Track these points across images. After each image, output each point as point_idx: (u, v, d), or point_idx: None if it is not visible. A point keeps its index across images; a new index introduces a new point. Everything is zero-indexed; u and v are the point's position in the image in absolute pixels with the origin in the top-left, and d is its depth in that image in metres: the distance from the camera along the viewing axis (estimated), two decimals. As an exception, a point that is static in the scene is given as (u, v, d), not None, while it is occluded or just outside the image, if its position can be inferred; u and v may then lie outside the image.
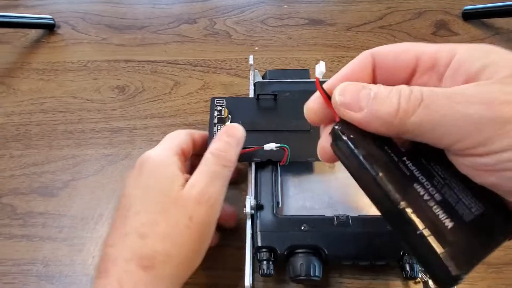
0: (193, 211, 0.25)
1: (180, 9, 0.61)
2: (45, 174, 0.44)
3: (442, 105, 0.14)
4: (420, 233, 0.15)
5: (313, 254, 0.31)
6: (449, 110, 0.14)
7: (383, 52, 0.19)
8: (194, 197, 0.26)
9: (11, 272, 0.38)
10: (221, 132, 0.30)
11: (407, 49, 0.19)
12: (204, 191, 0.26)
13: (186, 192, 0.26)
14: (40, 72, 0.54)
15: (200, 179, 0.27)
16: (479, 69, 0.16)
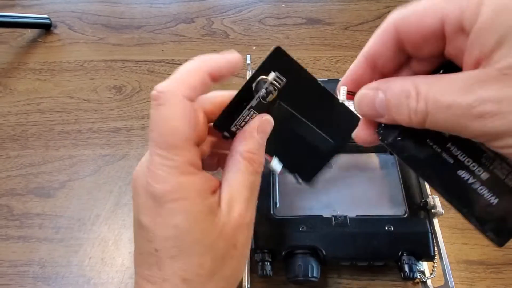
0: (236, 238, 0.22)
1: (178, 8, 0.61)
2: (41, 175, 0.44)
3: (444, 119, 0.15)
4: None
5: (311, 255, 0.31)
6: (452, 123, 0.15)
7: (406, 21, 0.17)
8: (235, 221, 0.21)
9: (7, 273, 0.38)
10: (252, 125, 0.23)
11: (431, 10, 0.16)
12: (245, 213, 0.22)
13: (225, 218, 0.21)
14: (36, 72, 0.54)
15: (237, 197, 0.22)
16: (494, 46, 0.14)
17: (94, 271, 0.37)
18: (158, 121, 0.20)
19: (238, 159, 0.22)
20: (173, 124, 0.20)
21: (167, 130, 0.20)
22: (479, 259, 0.36)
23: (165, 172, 0.20)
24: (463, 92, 0.15)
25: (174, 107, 0.20)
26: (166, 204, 0.20)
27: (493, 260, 0.36)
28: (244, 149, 0.22)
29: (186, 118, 0.20)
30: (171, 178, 0.20)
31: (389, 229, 0.32)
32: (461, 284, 0.35)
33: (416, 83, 0.16)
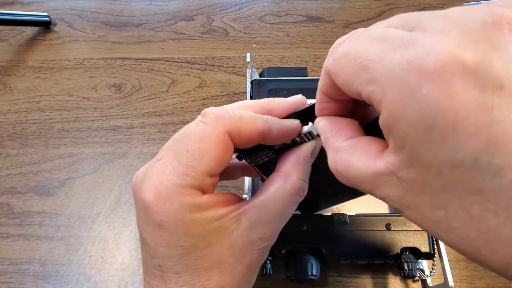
0: (250, 258, 0.20)
1: (177, 6, 0.61)
2: (41, 173, 0.44)
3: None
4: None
5: (311, 253, 0.31)
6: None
7: (335, 79, 0.16)
8: (253, 242, 0.20)
9: (8, 271, 0.38)
10: (307, 150, 0.21)
11: (347, 84, 0.15)
12: (267, 238, 0.20)
13: (241, 235, 0.20)
14: (36, 70, 0.54)
15: (267, 222, 0.20)
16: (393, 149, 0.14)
17: (94, 269, 0.38)
18: (191, 136, 0.19)
19: (286, 187, 0.20)
20: (203, 148, 0.18)
21: (195, 150, 0.18)
22: (478, 257, 0.36)
23: (169, 190, 0.18)
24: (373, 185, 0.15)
25: (214, 134, 0.19)
26: (166, 224, 0.19)
27: (493, 258, 0.36)
28: (298, 176, 0.21)
29: (217, 152, 0.19)
30: (174, 198, 0.18)
31: (389, 227, 0.32)
32: (461, 282, 0.35)
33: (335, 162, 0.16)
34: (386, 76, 0.13)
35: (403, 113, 0.12)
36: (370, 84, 0.13)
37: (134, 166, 0.44)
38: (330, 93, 0.18)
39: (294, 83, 0.40)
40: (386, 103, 0.13)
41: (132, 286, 0.37)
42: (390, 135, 0.13)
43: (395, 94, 0.12)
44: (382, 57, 0.13)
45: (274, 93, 0.39)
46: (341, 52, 0.15)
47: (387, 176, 0.14)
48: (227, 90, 0.50)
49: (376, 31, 0.14)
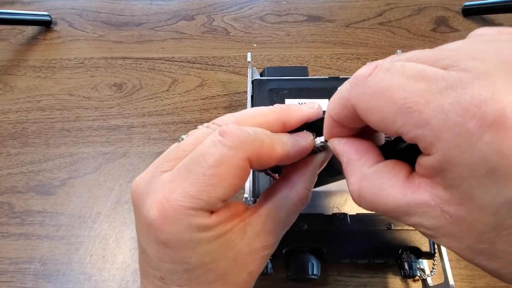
0: (252, 266, 0.20)
1: (178, 5, 0.61)
2: (42, 172, 0.44)
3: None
4: None
5: (312, 253, 0.31)
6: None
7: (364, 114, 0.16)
8: (256, 251, 0.20)
9: (8, 270, 0.38)
10: (316, 162, 0.21)
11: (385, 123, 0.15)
12: (270, 246, 0.20)
13: (245, 246, 0.19)
14: (37, 69, 0.54)
15: (270, 230, 0.20)
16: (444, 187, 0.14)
17: (95, 269, 0.38)
18: (209, 158, 0.17)
19: (291, 196, 0.20)
20: (222, 174, 0.17)
21: (213, 175, 0.17)
22: (479, 257, 0.36)
23: (177, 211, 0.17)
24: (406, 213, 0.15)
25: (234, 160, 0.17)
26: (171, 243, 0.18)
27: (493, 258, 0.36)
28: (304, 185, 0.21)
29: (235, 178, 0.18)
30: (182, 220, 0.17)
31: (389, 227, 0.32)
32: (461, 282, 0.35)
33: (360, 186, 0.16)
34: (440, 121, 0.12)
35: (462, 157, 0.12)
36: (420, 127, 0.13)
37: (135, 166, 0.44)
38: (345, 122, 0.17)
39: (294, 82, 0.40)
40: (441, 148, 0.13)
41: (133, 285, 0.37)
42: (441, 175, 0.13)
43: (452, 139, 0.12)
44: (431, 100, 0.13)
45: (275, 92, 0.39)
46: (374, 88, 0.14)
47: (428, 207, 0.14)
48: (228, 90, 0.50)
49: (410, 67, 0.14)
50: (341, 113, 0.17)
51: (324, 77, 0.40)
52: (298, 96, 0.38)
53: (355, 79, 0.15)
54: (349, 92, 0.16)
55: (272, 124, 0.20)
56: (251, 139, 0.18)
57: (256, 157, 0.18)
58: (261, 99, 0.39)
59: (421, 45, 0.54)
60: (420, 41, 0.55)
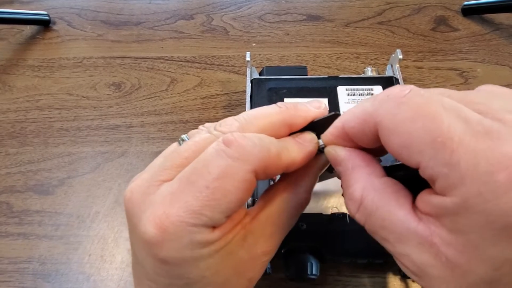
0: (252, 273, 0.20)
1: (177, 4, 0.61)
2: (41, 172, 0.44)
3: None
4: None
5: (311, 253, 0.31)
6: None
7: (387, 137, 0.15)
8: (256, 257, 0.19)
9: (7, 270, 0.38)
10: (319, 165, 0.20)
11: (411, 153, 0.14)
12: (270, 251, 0.20)
13: (245, 253, 0.19)
14: (35, 69, 0.54)
15: (270, 235, 0.19)
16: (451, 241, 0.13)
17: (93, 268, 0.37)
18: (213, 170, 0.16)
19: (292, 200, 0.20)
20: (227, 189, 0.16)
21: (217, 188, 0.16)
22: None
23: (178, 228, 0.16)
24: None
25: (239, 173, 0.16)
26: (171, 260, 0.17)
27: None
28: (305, 189, 0.20)
29: (241, 193, 0.16)
30: (183, 237, 0.16)
31: (389, 226, 0.32)
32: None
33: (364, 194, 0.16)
34: (470, 166, 0.12)
35: (483, 207, 0.12)
36: (447, 166, 0.12)
37: (134, 165, 0.44)
38: (357, 138, 0.16)
39: (294, 82, 0.40)
40: (463, 192, 0.12)
41: (131, 285, 0.37)
42: (451, 218, 0.13)
43: (478, 187, 0.12)
44: (465, 142, 0.12)
45: (274, 92, 0.39)
46: (409, 111, 0.14)
47: (426, 242, 0.13)
48: (227, 89, 0.50)
49: (448, 102, 0.13)
50: (358, 128, 0.16)
51: (323, 76, 0.40)
52: (297, 95, 0.38)
53: (386, 97, 0.15)
54: (376, 109, 0.15)
55: (277, 127, 0.19)
56: (257, 150, 0.17)
57: (262, 168, 0.17)
58: (260, 99, 0.39)
59: (421, 45, 0.54)
60: (419, 40, 0.54)
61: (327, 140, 0.18)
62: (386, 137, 0.14)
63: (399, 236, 0.14)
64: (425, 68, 0.51)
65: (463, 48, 0.53)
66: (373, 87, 0.38)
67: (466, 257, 0.13)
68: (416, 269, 0.14)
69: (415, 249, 0.14)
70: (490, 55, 0.52)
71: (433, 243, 0.13)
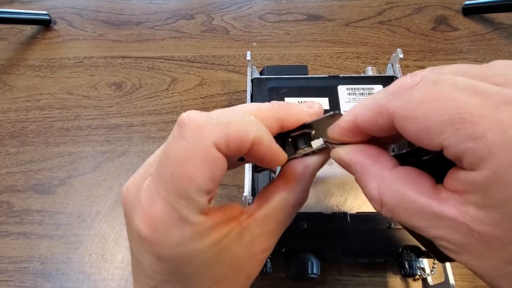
0: (251, 270, 0.20)
1: (178, 4, 0.61)
2: (41, 171, 0.44)
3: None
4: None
5: (311, 252, 0.31)
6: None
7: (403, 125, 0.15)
8: (255, 254, 0.19)
9: (8, 269, 0.38)
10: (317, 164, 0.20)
11: (430, 134, 0.14)
12: (268, 248, 0.20)
13: (243, 250, 0.19)
14: (36, 68, 0.54)
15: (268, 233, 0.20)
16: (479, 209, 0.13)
17: (94, 268, 0.37)
18: (172, 157, 0.16)
19: (290, 198, 0.19)
20: (190, 172, 0.15)
21: (181, 174, 0.15)
22: (479, 256, 0.36)
23: (167, 222, 0.16)
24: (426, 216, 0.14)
25: (197, 152, 0.15)
26: (166, 256, 0.17)
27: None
28: (302, 189, 0.20)
29: (206, 171, 0.16)
30: (174, 231, 0.16)
31: (389, 225, 0.32)
32: (462, 281, 0.35)
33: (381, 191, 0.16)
34: (497, 135, 0.12)
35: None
36: (472, 140, 0.12)
37: (134, 165, 0.44)
38: (370, 129, 0.17)
39: (294, 81, 0.40)
40: (492, 164, 0.12)
41: (131, 284, 0.36)
42: (481, 193, 0.13)
43: (508, 156, 0.12)
44: (487, 113, 0.12)
45: (275, 91, 0.39)
46: (422, 97, 0.14)
47: (455, 222, 0.13)
48: (228, 89, 0.50)
49: (460, 80, 0.13)
50: (371, 120, 0.16)
51: (324, 76, 0.40)
52: (298, 95, 0.38)
53: (398, 87, 0.15)
54: (389, 100, 0.15)
55: (266, 121, 0.18)
56: (213, 123, 0.16)
57: (224, 141, 0.16)
58: (260, 98, 0.39)
59: (421, 44, 0.54)
60: (420, 40, 0.54)
61: (333, 134, 0.18)
62: (403, 126, 0.14)
63: (428, 222, 0.14)
64: (425, 67, 0.51)
65: (464, 48, 0.53)
66: (373, 86, 0.38)
67: (502, 230, 0.12)
68: (454, 248, 0.14)
69: (446, 231, 0.14)
70: (491, 54, 0.52)
71: (462, 223, 0.13)
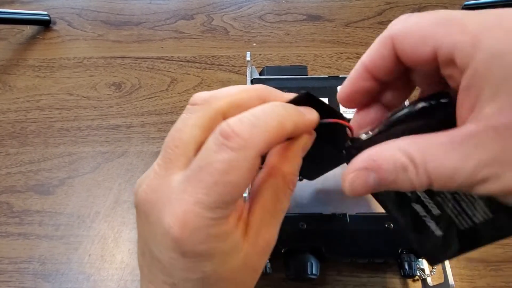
0: (258, 263, 0.20)
1: (177, 4, 0.61)
2: (41, 172, 0.44)
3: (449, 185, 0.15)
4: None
5: (311, 252, 0.31)
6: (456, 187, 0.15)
7: (401, 43, 0.17)
8: (260, 248, 0.20)
9: (7, 270, 0.38)
10: (298, 145, 0.20)
11: (424, 39, 0.16)
12: (271, 239, 0.20)
13: (251, 247, 0.19)
14: (36, 69, 0.54)
15: (268, 222, 0.20)
16: (487, 97, 0.14)
17: (94, 268, 0.37)
18: (218, 166, 0.16)
19: (278, 182, 0.20)
20: (236, 181, 0.16)
21: (226, 183, 0.16)
22: (479, 256, 0.36)
23: (198, 223, 0.17)
24: (462, 158, 0.15)
25: (245, 163, 0.16)
26: (190, 253, 0.17)
27: (493, 257, 0.36)
28: (289, 170, 0.20)
29: (249, 179, 0.17)
30: (202, 231, 0.17)
31: (389, 226, 0.32)
32: (461, 282, 0.35)
33: (407, 152, 0.16)
34: (479, 27, 0.14)
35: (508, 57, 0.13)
36: (459, 34, 0.15)
37: (134, 165, 0.44)
38: (377, 66, 0.19)
39: (294, 81, 0.40)
40: (484, 48, 0.14)
41: (131, 285, 0.37)
42: (481, 84, 0.14)
43: (494, 36, 0.14)
44: (470, 16, 0.15)
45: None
46: (418, 17, 0.17)
47: (481, 133, 0.14)
48: (227, 89, 0.50)
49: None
50: (377, 54, 0.19)
51: (324, 76, 0.40)
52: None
53: (395, 19, 0.18)
54: (388, 30, 0.18)
55: (247, 96, 0.19)
56: (257, 132, 0.17)
57: (267, 146, 0.17)
58: (260, 98, 0.39)
59: (421, 44, 0.54)
60: (420, 40, 0.54)
61: (344, 89, 0.20)
62: (401, 43, 0.17)
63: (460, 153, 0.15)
64: (425, 68, 0.51)
65: (464, 48, 0.53)
66: (373, 87, 0.38)
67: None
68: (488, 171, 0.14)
69: (478, 153, 0.14)
70: (491, 54, 0.52)
71: (485, 128, 0.14)
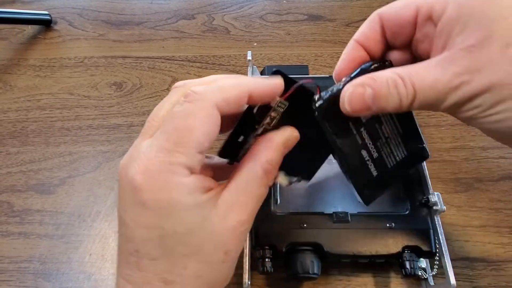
0: (228, 245, 0.20)
1: (178, 4, 0.61)
2: (42, 171, 0.44)
3: (429, 95, 0.19)
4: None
5: (312, 252, 0.31)
6: (435, 98, 0.19)
7: (387, 12, 0.22)
8: (231, 227, 0.20)
9: (8, 269, 0.38)
10: (279, 138, 0.22)
11: (408, 3, 0.21)
12: (244, 221, 0.21)
13: (220, 221, 0.20)
14: (36, 68, 0.54)
15: (242, 204, 0.21)
16: (457, 32, 0.18)
17: (94, 268, 0.37)
18: (177, 115, 0.19)
19: (256, 168, 0.21)
20: (192, 124, 0.18)
21: (183, 127, 0.18)
22: (480, 256, 0.36)
23: (157, 167, 0.18)
24: (440, 71, 0.18)
25: (201, 110, 0.19)
26: (149, 202, 0.18)
27: (494, 257, 0.36)
28: (266, 159, 0.21)
29: (206, 125, 0.19)
30: (162, 176, 0.18)
31: (391, 226, 0.32)
32: (462, 281, 0.35)
33: (397, 72, 0.19)
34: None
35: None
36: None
37: (135, 165, 0.44)
38: (367, 37, 0.23)
39: (295, 81, 0.40)
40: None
41: (132, 284, 0.36)
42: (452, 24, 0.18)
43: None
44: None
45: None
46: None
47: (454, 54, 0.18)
48: (228, 89, 0.50)
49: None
50: (367, 28, 0.23)
51: (325, 76, 0.40)
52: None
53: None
54: (377, 10, 0.22)
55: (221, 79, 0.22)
56: (212, 88, 0.20)
57: (225, 101, 0.19)
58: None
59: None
60: (421, 40, 0.54)
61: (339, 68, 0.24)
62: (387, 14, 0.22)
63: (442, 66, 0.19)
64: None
65: (465, 48, 0.53)
66: (374, 86, 0.38)
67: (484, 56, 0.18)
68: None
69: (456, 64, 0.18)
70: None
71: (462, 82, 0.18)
